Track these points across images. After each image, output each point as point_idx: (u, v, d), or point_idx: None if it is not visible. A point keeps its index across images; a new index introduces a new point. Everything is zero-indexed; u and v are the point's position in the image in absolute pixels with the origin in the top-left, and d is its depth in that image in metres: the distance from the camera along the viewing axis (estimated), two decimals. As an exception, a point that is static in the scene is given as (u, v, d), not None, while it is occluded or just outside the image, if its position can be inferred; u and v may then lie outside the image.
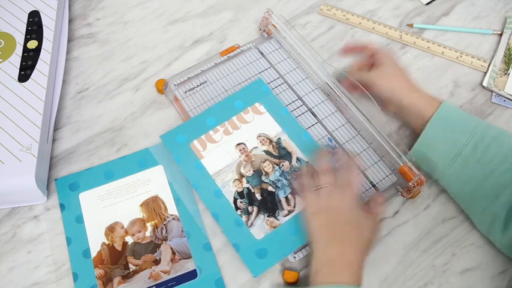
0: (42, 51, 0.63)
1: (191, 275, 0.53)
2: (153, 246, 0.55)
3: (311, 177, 0.56)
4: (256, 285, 0.54)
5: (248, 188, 0.58)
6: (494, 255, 0.55)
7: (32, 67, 0.62)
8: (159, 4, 0.77)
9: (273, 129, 0.62)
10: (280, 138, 0.61)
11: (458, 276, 0.54)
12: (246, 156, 0.60)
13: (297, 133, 0.62)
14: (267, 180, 0.59)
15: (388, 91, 0.60)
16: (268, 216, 0.56)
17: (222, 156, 0.60)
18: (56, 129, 0.64)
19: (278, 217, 0.56)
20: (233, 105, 0.63)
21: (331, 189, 0.53)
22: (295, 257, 0.54)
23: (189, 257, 0.55)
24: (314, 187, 0.54)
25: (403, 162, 0.57)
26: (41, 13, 0.67)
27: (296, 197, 0.57)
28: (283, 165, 0.59)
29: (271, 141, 0.61)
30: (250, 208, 0.57)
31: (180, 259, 0.55)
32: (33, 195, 0.57)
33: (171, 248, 0.55)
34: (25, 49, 0.64)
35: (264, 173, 0.59)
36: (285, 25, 0.69)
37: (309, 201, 0.54)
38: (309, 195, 0.54)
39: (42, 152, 0.57)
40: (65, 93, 0.67)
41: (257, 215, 0.56)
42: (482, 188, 0.53)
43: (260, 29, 0.72)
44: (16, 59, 0.63)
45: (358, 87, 0.61)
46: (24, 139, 0.56)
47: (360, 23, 0.74)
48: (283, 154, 0.60)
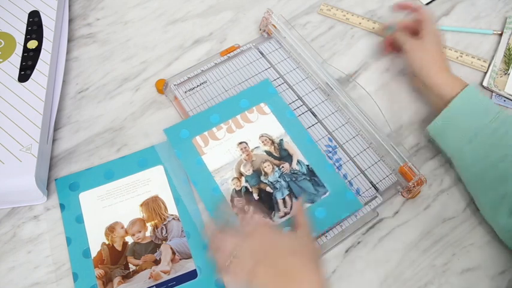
0: (42, 51, 0.64)
1: (191, 275, 0.53)
2: (153, 246, 0.55)
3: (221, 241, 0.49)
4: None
5: (246, 187, 0.58)
6: (494, 255, 0.55)
7: (32, 67, 0.62)
8: (159, 4, 0.77)
9: (276, 131, 0.62)
10: (282, 139, 0.61)
11: (458, 276, 0.54)
12: (247, 155, 0.60)
13: (300, 136, 0.61)
14: (266, 181, 0.58)
15: (417, 66, 0.61)
16: (264, 216, 0.56)
17: (223, 153, 0.60)
18: (56, 129, 0.64)
19: (274, 218, 0.56)
20: (238, 104, 0.63)
21: (243, 246, 0.47)
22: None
23: (189, 257, 0.55)
24: (228, 260, 0.47)
25: (403, 162, 0.57)
26: (41, 13, 0.67)
27: (293, 199, 0.57)
28: (283, 167, 0.59)
29: (273, 142, 0.61)
30: (246, 207, 0.57)
31: (180, 259, 0.55)
32: (33, 195, 0.57)
33: (171, 248, 0.55)
34: (25, 49, 0.64)
35: (263, 173, 0.59)
36: (285, 25, 0.69)
37: (238, 275, 0.47)
38: (232, 270, 0.47)
39: (42, 152, 0.57)
40: (65, 93, 0.67)
41: (253, 215, 0.56)
42: (493, 170, 0.53)
43: (260, 29, 0.72)
44: (16, 59, 0.63)
45: (396, 47, 0.66)
46: (24, 139, 0.56)
47: (360, 23, 0.74)
48: (284, 156, 0.60)
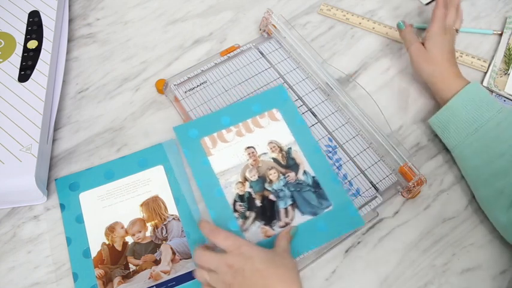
0: (42, 51, 0.64)
1: (191, 275, 0.53)
2: (153, 246, 0.55)
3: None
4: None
5: (250, 192, 0.57)
6: (495, 255, 0.55)
7: (32, 67, 0.62)
8: (159, 4, 0.77)
9: (286, 138, 0.61)
10: (291, 148, 0.60)
11: (458, 276, 0.54)
12: (254, 160, 0.59)
13: (310, 146, 0.60)
14: (270, 188, 0.58)
15: (421, 74, 0.62)
16: (264, 224, 0.55)
17: (230, 156, 0.60)
18: (56, 129, 0.64)
19: (274, 227, 0.55)
20: (250, 108, 0.63)
21: (221, 261, 0.48)
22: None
23: (189, 257, 0.55)
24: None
25: (403, 162, 0.57)
26: (41, 13, 0.67)
27: (295, 210, 0.56)
28: (288, 176, 0.58)
29: (281, 150, 0.60)
30: (248, 213, 0.56)
31: (180, 259, 0.55)
32: (33, 195, 0.57)
33: (171, 248, 0.55)
34: (25, 49, 0.64)
35: (268, 180, 0.58)
36: (285, 25, 0.69)
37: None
38: (212, 285, 0.48)
39: (42, 152, 0.57)
40: (65, 93, 0.67)
41: (253, 221, 0.55)
42: (494, 163, 0.54)
43: (260, 29, 0.72)
44: (16, 59, 0.63)
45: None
46: (24, 139, 0.56)
47: (360, 23, 0.74)
48: (291, 164, 0.59)
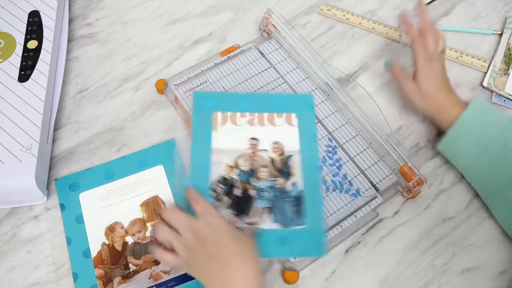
0: (42, 51, 0.63)
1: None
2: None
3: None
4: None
5: (235, 179, 0.58)
6: (495, 255, 0.55)
7: (32, 67, 0.62)
8: (159, 4, 0.77)
9: (292, 145, 0.60)
10: (292, 155, 0.59)
11: (458, 276, 0.54)
12: (252, 152, 0.60)
13: (310, 161, 0.59)
14: (255, 184, 0.57)
15: (418, 109, 0.61)
16: (235, 214, 0.55)
17: (232, 138, 0.60)
18: (56, 129, 0.64)
19: (242, 220, 0.55)
20: (272, 103, 0.63)
21: (189, 224, 0.49)
22: (295, 258, 0.54)
23: (189, 257, 0.55)
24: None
25: (403, 162, 0.57)
26: (41, 13, 0.67)
27: (267, 214, 0.55)
28: (277, 180, 0.58)
29: (282, 153, 0.60)
30: (225, 198, 0.56)
31: (180, 259, 0.55)
32: (33, 195, 0.57)
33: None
34: (25, 49, 0.64)
35: (256, 175, 0.58)
36: (285, 25, 0.69)
37: (179, 251, 0.49)
38: (175, 245, 0.49)
39: (42, 152, 0.57)
40: (65, 93, 0.67)
41: (226, 208, 0.56)
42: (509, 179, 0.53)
43: (260, 29, 0.72)
44: (16, 59, 0.63)
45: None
46: (24, 139, 0.56)
47: (360, 23, 0.74)
48: (285, 171, 0.59)
